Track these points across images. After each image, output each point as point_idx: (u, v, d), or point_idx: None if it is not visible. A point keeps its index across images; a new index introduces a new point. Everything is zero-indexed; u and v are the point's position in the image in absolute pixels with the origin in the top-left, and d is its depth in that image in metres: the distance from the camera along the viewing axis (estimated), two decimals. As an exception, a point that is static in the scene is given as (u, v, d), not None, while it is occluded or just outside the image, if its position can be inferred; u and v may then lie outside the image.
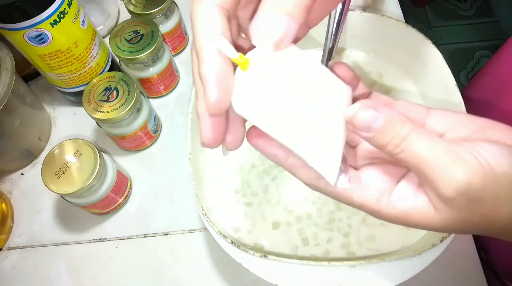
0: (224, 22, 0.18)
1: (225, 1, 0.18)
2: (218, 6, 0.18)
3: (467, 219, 0.19)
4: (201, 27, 0.18)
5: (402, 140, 0.19)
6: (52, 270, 0.42)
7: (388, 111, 0.19)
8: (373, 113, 0.18)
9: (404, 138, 0.18)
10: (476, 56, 1.37)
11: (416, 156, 0.18)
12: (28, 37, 0.38)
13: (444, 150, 0.18)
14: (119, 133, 0.43)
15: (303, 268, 0.33)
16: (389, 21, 0.43)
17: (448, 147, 0.18)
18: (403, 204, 0.21)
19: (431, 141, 0.18)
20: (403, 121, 0.19)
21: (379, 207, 0.21)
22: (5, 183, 0.48)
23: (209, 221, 0.34)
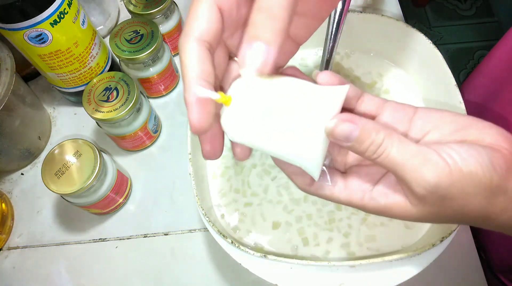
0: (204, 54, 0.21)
1: (206, 35, 0.21)
2: (199, 40, 0.21)
3: (440, 212, 0.22)
4: (185, 60, 0.21)
5: (378, 147, 0.21)
6: (52, 270, 0.42)
7: (364, 122, 0.21)
8: (350, 126, 0.21)
9: (380, 144, 0.21)
10: (476, 56, 1.37)
11: (391, 161, 0.21)
12: (28, 37, 0.38)
13: (414, 153, 0.21)
14: (119, 133, 0.43)
15: (303, 268, 0.33)
16: (389, 21, 0.43)
17: (418, 150, 0.21)
18: (384, 199, 0.23)
19: (403, 146, 0.21)
20: (378, 130, 0.21)
21: (364, 203, 0.24)
22: (5, 183, 0.48)
23: (209, 221, 0.34)
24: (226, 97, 0.21)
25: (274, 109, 0.21)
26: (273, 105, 0.21)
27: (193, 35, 0.21)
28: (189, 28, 0.21)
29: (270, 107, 0.21)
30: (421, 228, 0.38)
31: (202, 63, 0.21)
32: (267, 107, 0.21)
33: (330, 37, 0.37)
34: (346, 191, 0.24)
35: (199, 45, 0.21)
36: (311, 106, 0.21)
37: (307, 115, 0.21)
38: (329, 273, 0.32)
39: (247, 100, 0.21)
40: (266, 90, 0.22)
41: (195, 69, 0.20)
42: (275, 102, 0.21)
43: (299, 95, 0.22)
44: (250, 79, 0.22)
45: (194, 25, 0.21)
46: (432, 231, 0.37)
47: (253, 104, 0.21)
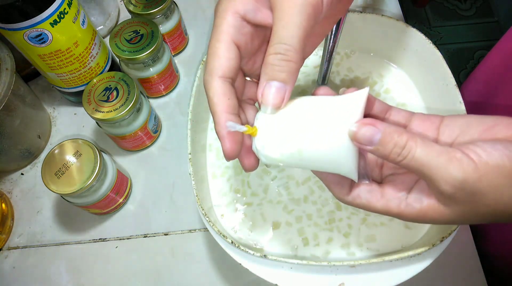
0: (228, 90, 0.23)
1: (228, 72, 0.23)
2: (222, 78, 0.23)
3: (473, 209, 0.22)
4: (212, 97, 0.23)
5: (402, 149, 0.22)
6: (52, 270, 0.42)
7: (386, 126, 0.22)
8: (372, 129, 0.22)
9: (403, 147, 0.22)
10: (476, 56, 1.37)
11: (416, 162, 0.21)
12: (28, 37, 0.38)
13: (438, 153, 0.21)
14: (119, 133, 0.43)
15: (303, 268, 0.32)
16: (389, 21, 0.43)
17: (442, 150, 0.21)
18: (418, 204, 0.24)
19: (427, 146, 0.21)
20: (400, 132, 0.22)
21: (400, 210, 0.24)
22: (5, 183, 0.48)
23: (209, 221, 0.34)
24: (252, 129, 0.24)
25: (300, 127, 0.23)
26: (298, 124, 0.23)
27: (217, 74, 0.23)
28: (212, 67, 0.23)
29: (296, 126, 0.23)
30: (421, 228, 0.38)
31: (228, 98, 0.23)
32: (292, 127, 0.23)
33: (330, 37, 0.37)
34: (383, 200, 0.25)
35: (223, 82, 0.23)
36: (333, 116, 0.23)
37: (331, 124, 0.23)
38: (329, 273, 0.32)
39: (272, 126, 0.24)
40: (288, 113, 0.24)
41: (222, 105, 0.23)
42: (299, 121, 0.23)
43: (320, 109, 0.24)
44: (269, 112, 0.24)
45: (216, 64, 0.23)
46: (432, 231, 0.37)
47: (279, 128, 0.24)
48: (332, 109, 0.23)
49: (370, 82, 0.46)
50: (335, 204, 0.40)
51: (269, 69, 0.23)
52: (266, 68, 0.23)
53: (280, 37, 0.22)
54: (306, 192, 0.40)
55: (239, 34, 0.24)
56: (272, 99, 0.23)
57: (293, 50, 0.22)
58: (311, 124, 0.23)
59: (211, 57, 0.24)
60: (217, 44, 0.23)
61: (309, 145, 0.23)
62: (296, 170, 0.41)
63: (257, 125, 0.24)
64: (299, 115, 0.24)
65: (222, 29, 0.23)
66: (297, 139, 0.23)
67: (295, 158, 0.24)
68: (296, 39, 0.22)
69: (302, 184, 0.41)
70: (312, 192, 0.40)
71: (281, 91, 0.23)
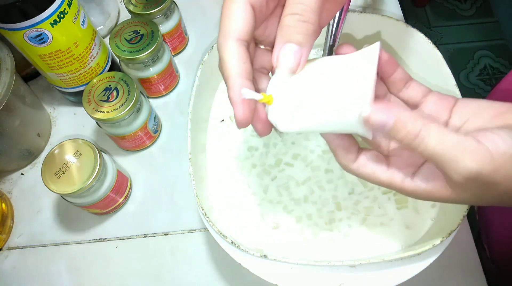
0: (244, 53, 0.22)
1: (243, 35, 0.22)
2: (238, 40, 0.22)
3: (483, 195, 0.22)
4: (227, 60, 0.22)
5: (415, 137, 0.21)
6: (52, 270, 0.42)
7: (400, 112, 0.21)
8: (384, 115, 0.21)
9: (416, 135, 0.21)
10: (476, 56, 1.37)
11: (429, 151, 0.21)
12: (28, 37, 0.38)
13: (453, 144, 0.21)
14: (119, 133, 0.43)
15: (303, 268, 0.32)
16: (389, 21, 0.43)
17: (458, 140, 0.21)
18: (424, 184, 0.24)
19: (442, 136, 0.21)
20: (414, 119, 0.21)
21: (404, 186, 0.24)
22: (5, 183, 0.48)
23: (209, 221, 0.34)
24: (267, 97, 0.23)
25: (315, 92, 0.22)
26: (313, 89, 0.23)
27: (232, 36, 0.22)
28: (226, 28, 0.22)
29: (311, 94, 0.23)
30: (421, 228, 0.38)
31: (243, 62, 0.22)
32: (307, 95, 0.23)
33: (330, 37, 0.37)
34: (388, 172, 0.25)
35: (239, 45, 0.22)
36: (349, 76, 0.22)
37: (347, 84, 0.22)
38: (329, 273, 0.32)
39: (287, 93, 0.23)
40: (302, 78, 0.23)
41: (237, 69, 0.22)
42: (314, 86, 0.23)
43: (334, 72, 0.23)
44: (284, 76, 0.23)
45: (231, 26, 0.22)
46: (432, 231, 0.37)
47: (294, 95, 0.23)
48: (345, 71, 0.23)
49: (370, 82, 0.46)
50: (335, 204, 0.40)
51: (285, 30, 0.22)
52: (282, 29, 0.22)
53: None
54: (306, 192, 0.40)
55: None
56: (288, 63, 0.22)
57: (310, 10, 0.21)
58: (327, 91, 0.22)
59: (226, 18, 0.22)
60: (232, 5, 0.22)
61: (325, 113, 0.23)
62: (296, 170, 0.41)
63: (272, 93, 0.24)
64: (313, 81, 0.23)
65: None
66: (312, 108, 0.23)
67: (311, 126, 0.23)
68: None
69: (302, 184, 0.41)
70: (312, 192, 0.40)
71: (298, 54, 0.22)
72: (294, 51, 0.22)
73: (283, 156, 0.42)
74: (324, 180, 0.41)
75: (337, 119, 0.23)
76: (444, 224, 0.34)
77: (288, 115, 0.23)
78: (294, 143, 0.43)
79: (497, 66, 1.34)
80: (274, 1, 0.24)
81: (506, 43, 1.37)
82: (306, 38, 0.22)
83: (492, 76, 1.33)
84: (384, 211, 0.39)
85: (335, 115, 0.22)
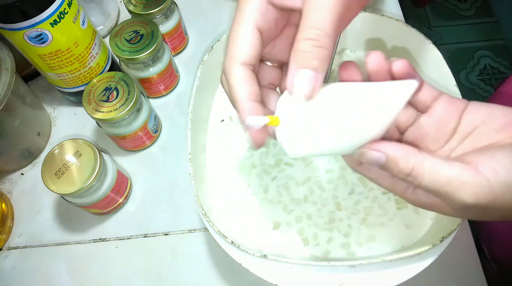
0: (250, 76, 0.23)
1: (249, 59, 0.23)
2: (244, 64, 0.22)
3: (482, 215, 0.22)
4: (234, 85, 0.23)
5: (407, 176, 0.22)
6: (52, 270, 0.42)
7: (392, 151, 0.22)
8: (376, 155, 0.22)
9: (409, 174, 0.22)
10: (476, 56, 1.37)
11: (423, 187, 0.22)
12: (28, 37, 0.38)
13: (448, 180, 0.21)
14: (119, 133, 0.43)
15: (303, 268, 0.32)
16: (389, 21, 0.43)
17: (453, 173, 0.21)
18: (425, 198, 0.24)
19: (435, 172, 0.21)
20: (407, 159, 0.22)
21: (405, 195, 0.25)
22: (5, 183, 0.48)
23: (209, 221, 0.34)
24: (274, 119, 0.23)
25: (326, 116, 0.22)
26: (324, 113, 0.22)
27: (239, 61, 0.22)
28: (233, 52, 0.23)
29: (321, 115, 0.22)
30: (421, 228, 0.38)
31: (249, 85, 0.23)
32: (317, 116, 0.22)
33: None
34: (391, 180, 0.25)
35: (245, 69, 0.23)
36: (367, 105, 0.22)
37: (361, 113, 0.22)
38: (329, 273, 0.32)
39: (296, 116, 0.22)
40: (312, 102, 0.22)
41: (245, 92, 0.22)
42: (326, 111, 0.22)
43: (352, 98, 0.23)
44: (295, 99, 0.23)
45: (237, 50, 0.22)
46: (432, 231, 0.37)
47: (303, 118, 0.22)
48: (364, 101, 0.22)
49: (370, 82, 0.46)
50: (335, 204, 0.40)
51: (300, 56, 0.21)
52: (297, 55, 0.22)
53: (311, 22, 0.21)
54: (306, 192, 0.40)
55: (263, 19, 0.23)
56: (303, 89, 0.22)
57: (326, 35, 0.21)
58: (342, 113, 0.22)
59: (233, 42, 0.23)
60: (239, 28, 0.22)
61: (337, 141, 0.22)
62: (296, 170, 0.41)
63: (279, 114, 0.23)
64: (325, 105, 0.22)
65: (246, 13, 0.22)
66: (323, 134, 0.22)
67: (319, 151, 0.23)
68: (329, 24, 0.21)
69: (302, 184, 0.41)
70: (312, 192, 0.40)
71: (313, 79, 0.22)
72: (309, 76, 0.21)
73: (283, 156, 0.42)
74: (324, 180, 0.41)
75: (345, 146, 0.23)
76: (444, 224, 0.34)
77: (296, 139, 0.23)
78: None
79: (497, 66, 1.34)
80: (283, 22, 0.24)
81: (506, 43, 1.37)
82: (321, 64, 0.21)
83: (492, 76, 1.33)
84: (384, 211, 0.39)
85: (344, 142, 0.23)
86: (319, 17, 0.21)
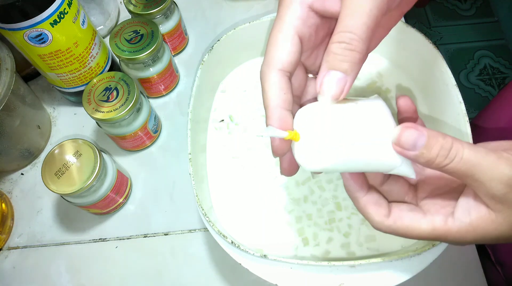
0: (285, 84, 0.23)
1: (287, 66, 0.22)
2: (280, 71, 0.22)
3: None
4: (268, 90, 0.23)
5: (448, 151, 0.21)
6: (52, 270, 0.42)
7: (428, 129, 0.21)
8: (416, 132, 0.21)
9: (450, 148, 0.21)
10: (476, 56, 1.37)
11: (465, 163, 0.21)
12: (28, 37, 0.38)
13: (486, 153, 0.21)
14: (119, 133, 0.43)
15: (303, 268, 0.33)
16: (389, 21, 0.43)
17: (488, 150, 0.21)
18: (468, 217, 0.23)
19: (473, 148, 0.21)
20: (443, 135, 0.21)
21: (448, 227, 0.23)
22: (5, 183, 0.48)
23: (209, 221, 0.34)
24: (293, 134, 0.23)
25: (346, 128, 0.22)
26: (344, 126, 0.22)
27: (275, 66, 0.22)
28: (270, 58, 0.22)
29: (342, 128, 0.22)
30: (421, 228, 0.38)
31: (284, 93, 0.22)
32: (336, 132, 0.22)
33: (330, 37, 0.37)
34: (427, 218, 0.24)
35: (281, 75, 0.22)
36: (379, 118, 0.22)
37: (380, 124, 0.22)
38: (329, 273, 0.32)
39: (314, 131, 0.22)
40: (331, 115, 0.22)
41: (278, 99, 0.22)
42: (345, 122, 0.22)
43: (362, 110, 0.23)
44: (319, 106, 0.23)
45: (275, 56, 0.22)
46: (432, 231, 0.37)
47: (322, 133, 0.22)
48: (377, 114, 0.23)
49: (370, 82, 0.46)
50: (335, 204, 0.40)
51: (331, 57, 0.22)
52: (328, 56, 0.22)
53: (345, 25, 0.21)
54: (306, 192, 0.40)
55: (304, 26, 0.23)
56: (332, 90, 0.22)
57: (359, 39, 0.21)
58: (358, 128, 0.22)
59: (271, 47, 0.23)
60: (279, 35, 0.22)
61: (360, 149, 0.22)
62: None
63: (298, 129, 0.23)
64: (344, 118, 0.22)
65: (286, 19, 0.22)
66: (345, 144, 0.22)
67: (340, 166, 0.22)
68: (363, 29, 0.21)
69: (302, 184, 0.41)
70: (312, 192, 0.40)
71: (342, 82, 0.21)
72: (338, 78, 0.21)
73: (283, 156, 0.42)
74: (324, 180, 0.41)
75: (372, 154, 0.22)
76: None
77: (316, 153, 0.22)
78: (294, 143, 0.43)
79: (497, 66, 1.34)
80: (324, 29, 0.24)
81: (506, 43, 1.37)
82: (352, 67, 0.21)
83: (492, 76, 1.33)
84: (384, 211, 0.39)
85: (370, 149, 0.22)
86: (354, 21, 0.21)
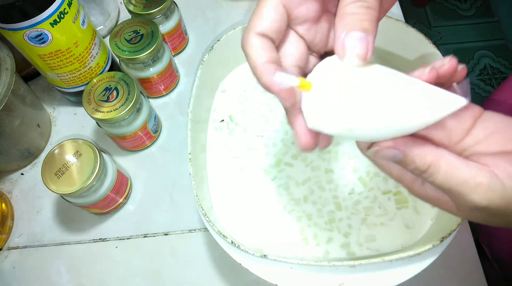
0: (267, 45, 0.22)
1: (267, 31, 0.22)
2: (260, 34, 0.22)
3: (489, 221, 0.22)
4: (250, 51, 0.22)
5: (422, 172, 0.21)
6: (52, 270, 0.42)
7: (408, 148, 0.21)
8: (392, 152, 0.21)
9: (425, 171, 0.21)
10: (476, 56, 1.37)
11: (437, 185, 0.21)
12: (28, 37, 0.38)
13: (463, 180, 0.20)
14: (119, 133, 0.43)
15: (303, 268, 0.32)
16: (389, 21, 0.43)
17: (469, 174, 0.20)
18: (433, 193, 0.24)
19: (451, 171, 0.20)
20: (423, 155, 0.21)
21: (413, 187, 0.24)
22: (5, 183, 0.48)
23: (209, 221, 0.34)
24: (305, 83, 0.21)
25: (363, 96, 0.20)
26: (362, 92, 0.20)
27: (254, 30, 0.22)
28: (252, 24, 0.22)
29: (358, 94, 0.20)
30: (421, 228, 0.38)
31: (267, 51, 0.21)
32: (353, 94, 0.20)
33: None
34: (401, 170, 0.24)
35: (261, 37, 0.22)
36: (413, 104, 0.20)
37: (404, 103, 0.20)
38: (329, 273, 0.32)
39: (329, 86, 0.20)
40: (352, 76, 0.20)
41: (262, 57, 0.21)
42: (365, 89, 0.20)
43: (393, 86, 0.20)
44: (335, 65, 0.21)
45: (256, 22, 0.22)
46: (432, 231, 0.37)
47: (337, 90, 0.20)
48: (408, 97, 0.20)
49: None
50: (335, 204, 0.40)
51: (348, 19, 0.20)
52: (345, 18, 0.20)
53: None
54: (306, 192, 0.40)
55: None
56: (357, 49, 0.20)
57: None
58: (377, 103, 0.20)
59: (253, 16, 0.22)
60: (262, 3, 0.22)
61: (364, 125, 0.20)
62: (296, 171, 0.41)
63: (311, 80, 0.21)
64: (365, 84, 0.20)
65: None
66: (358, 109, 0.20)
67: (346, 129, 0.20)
68: None
69: (302, 184, 0.41)
70: (312, 192, 0.40)
71: (365, 40, 0.20)
72: (360, 38, 0.20)
73: (283, 156, 0.42)
74: (324, 180, 0.41)
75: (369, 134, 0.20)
76: (444, 224, 0.34)
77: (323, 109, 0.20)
78: (294, 143, 0.43)
79: (497, 66, 1.34)
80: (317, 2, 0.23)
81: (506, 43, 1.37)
82: (371, 25, 0.20)
83: (492, 76, 1.33)
84: (384, 211, 0.39)
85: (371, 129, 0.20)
86: None
